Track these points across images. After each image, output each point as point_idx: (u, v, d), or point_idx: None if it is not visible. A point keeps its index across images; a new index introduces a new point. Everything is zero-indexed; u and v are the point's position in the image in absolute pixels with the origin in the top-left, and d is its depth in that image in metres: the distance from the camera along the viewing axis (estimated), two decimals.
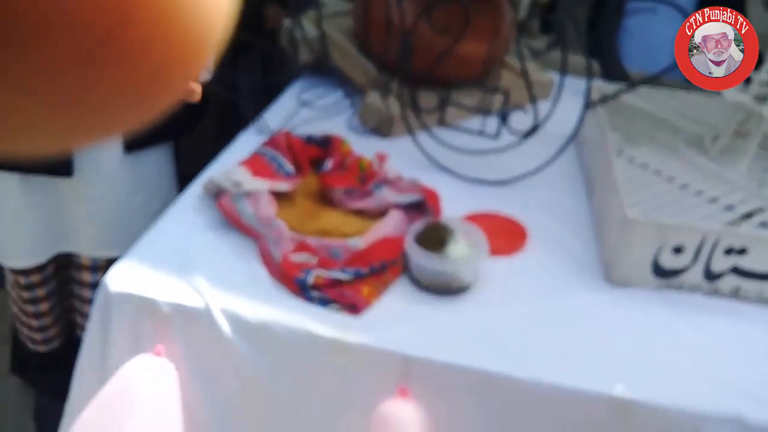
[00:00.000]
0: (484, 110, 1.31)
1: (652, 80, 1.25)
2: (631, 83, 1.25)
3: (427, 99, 1.30)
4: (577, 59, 1.27)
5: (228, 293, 0.93)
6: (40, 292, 1.51)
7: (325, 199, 1.14)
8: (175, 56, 0.18)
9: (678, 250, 0.99)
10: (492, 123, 1.30)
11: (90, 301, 1.52)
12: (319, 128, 1.30)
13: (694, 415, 0.83)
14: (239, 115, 1.49)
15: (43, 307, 1.54)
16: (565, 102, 1.23)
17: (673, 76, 1.40)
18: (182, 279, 0.95)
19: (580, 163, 1.34)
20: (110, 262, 1.48)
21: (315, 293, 0.95)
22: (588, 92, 1.21)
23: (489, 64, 1.46)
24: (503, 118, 1.26)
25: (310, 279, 0.96)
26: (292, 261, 0.99)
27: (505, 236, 1.09)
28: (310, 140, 1.17)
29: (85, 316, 1.52)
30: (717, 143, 1.20)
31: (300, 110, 1.39)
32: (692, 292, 1.01)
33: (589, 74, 1.20)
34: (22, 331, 1.61)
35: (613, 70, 1.62)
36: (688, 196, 1.07)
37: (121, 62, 0.16)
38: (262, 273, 0.99)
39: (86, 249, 1.46)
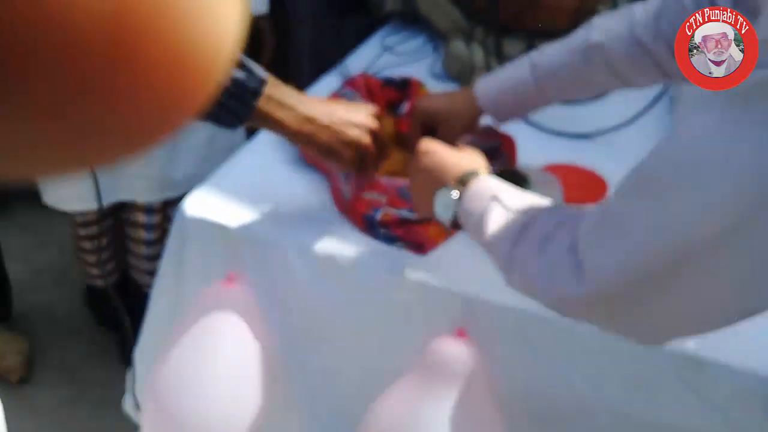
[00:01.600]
0: None
1: None
2: None
3: (512, 47, 1.26)
4: None
5: (298, 225, 0.95)
6: (95, 229, 1.56)
7: (398, 141, 1.13)
8: (181, 87, 0.17)
9: None
10: None
11: (144, 242, 1.54)
12: (401, 73, 1.29)
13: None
14: (324, 57, 1.48)
15: (98, 243, 1.57)
16: None
17: None
18: (255, 209, 0.97)
19: (673, 118, 1.27)
20: (166, 204, 1.50)
21: (382, 230, 0.96)
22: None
23: (580, 14, 1.40)
24: None
25: (379, 215, 0.96)
26: (362, 198, 0.99)
27: (584, 188, 1.06)
28: (388, 82, 1.17)
29: (139, 257, 1.60)
30: None
31: (382, 54, 1.39)
32: None
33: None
34: (81, 266, 1.68)
35: None
36: None
37: (127, 92, 0.16)
38: (332, 208, 1.00)
39: (141, 195, 1.48)
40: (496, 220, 0.71)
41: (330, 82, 1.31)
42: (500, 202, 0.72)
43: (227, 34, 0.17)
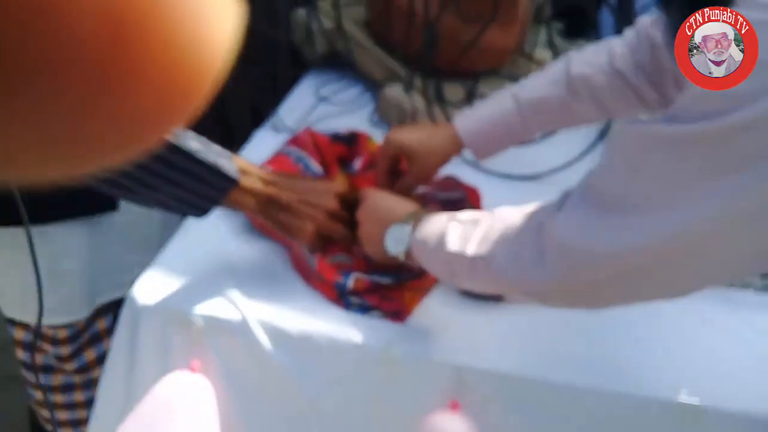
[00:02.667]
0: None
1: None
2: None
3: (453, 91, 1.25)
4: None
5: (263, 303, 0.88)
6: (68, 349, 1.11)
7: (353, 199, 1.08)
8: (176, 90, 0.17)
9: None
10: None
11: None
12: (338, 124, 1.24)
13: (764, 420, 0.79)
14: (251, 112, 1.42)
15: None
16: None
17: None
18: (214, 289, 0.89)
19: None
20: None
21: (355, 299, 0.90)
22: None
23: (510, 52, 1.41)
24: None
25: (350, 282, 0.91)
26: (328, 263, 0.93)
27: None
28: (336, 138, 1.12)
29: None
30: None
31: (318, 105, 1.34)
32: (744, 288, 0.97)
33: None
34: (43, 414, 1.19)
35: None
36: None
37: (117, 102, 0.16)
38: (296, 280, 0.94)
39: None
40: (457, 233, 0.71)
41: (264, 137, 1.24)
42: (459, 221, 0.73)
43: (224, 33, 0.18)
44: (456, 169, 1.17)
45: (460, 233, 0.71)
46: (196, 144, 0.74)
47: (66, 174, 0.18)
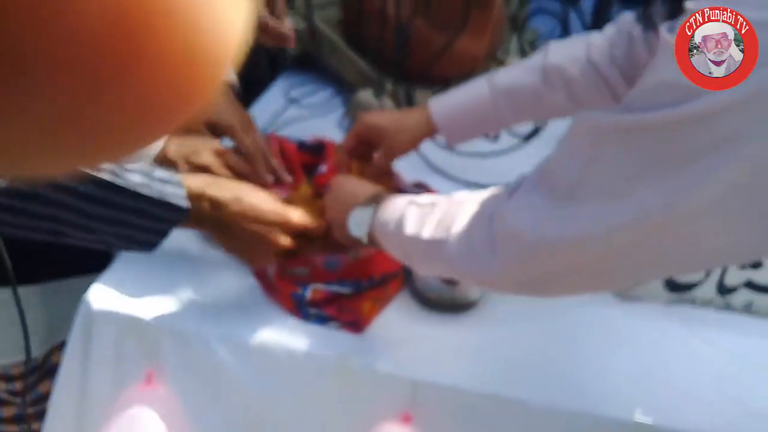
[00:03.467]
0: None
1: None
2: None
3: (423, 97, 1.24)
4: None
5: (221, 312, 0.87)
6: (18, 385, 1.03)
7: (320, 208, 1.07)
8: (182, 84, 0.17)
9: None
10: None
11: None
12: (308, 127, 1.23)
13: None
14: None
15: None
16: None
17: None
18: (171, 296, 0.88)
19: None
20: None
21: (313, 310, 0.90)
22: None
23: (482, 60, 1.40)
24: None
25: (308, 294, 0.90)
26: (286, 274, 0.93)
27: None
28: (302, 146, 1.10)
29: None
30: None
31: (288, 107, 1.32)
32: (705, 306, 0.97)
33: None
34: None
35: None
36: None
37: (128, 95, 0.16)
38: (255, 288, 0.93)
39: None
40: (414, 217, 0.71)
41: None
42: (417, 204, 0.72)
43: (233, 27, 0.17)
44: (420, 175, 1.16)
45: (416, 216, 0.71)
46: (138, 177, 0.70)
47: (66, 169, 0.18)
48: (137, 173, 0.70)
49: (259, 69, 1.43)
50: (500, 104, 0.89)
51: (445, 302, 0.92)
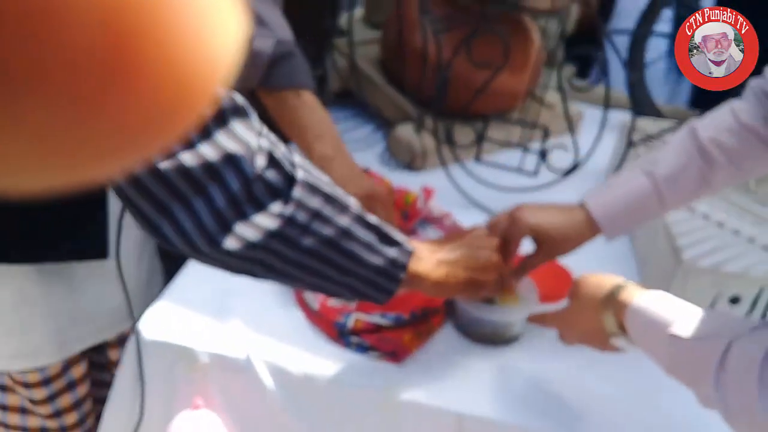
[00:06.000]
0: (521, 145, 1.27)
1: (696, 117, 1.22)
2: (678, 121, 1.22)
3: (462, 133, 1.26)
4: (602, 91, 1.24)
5: (267, 341, 0.89)
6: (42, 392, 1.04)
7: None
8: (180, 96, 0.17)
9: (735, 300, 0.95)
10: (529, 159, 1.27)
11: None
12: None
13: None
14: None
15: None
16: (591, 134, 1.21)
17: None
18: (218, 326, 0.90)
19: None
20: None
21: (354, 339, 0.91)
22: (630, 130, 1.18)
23: (521, 96, 1.43)
24: (542, 154, 1.22)
25: (350, 323, 0.92)
26: (330, 305, 0.95)
27: (552, 281, 1.05)
28: None
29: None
30: (762, 184, 1.17)
31: None
32: None
33: (633, 110, 1.17)
34: None
35: (643, 104, 1.59)
36: (740, 242, 1.03)
37: (122, 107, 0.16)
38: (300, 318, 0.95)
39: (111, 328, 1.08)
40: (682, 360, 0.66)
41: None
42: (677, 337, 0.66)
43: (225, 44, 0.17)
44: (457, 209, 1.18)
45: (693, 357, 0.65)
46: (374, 218, 0.72)
47: (63, 181, 0.18)
48: (371, 215, 0.72)
49: None
50: (665, 194, 0.86)
51: (489, 335, 0.93)
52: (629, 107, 1.51)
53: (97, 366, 1.12)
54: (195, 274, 0.99)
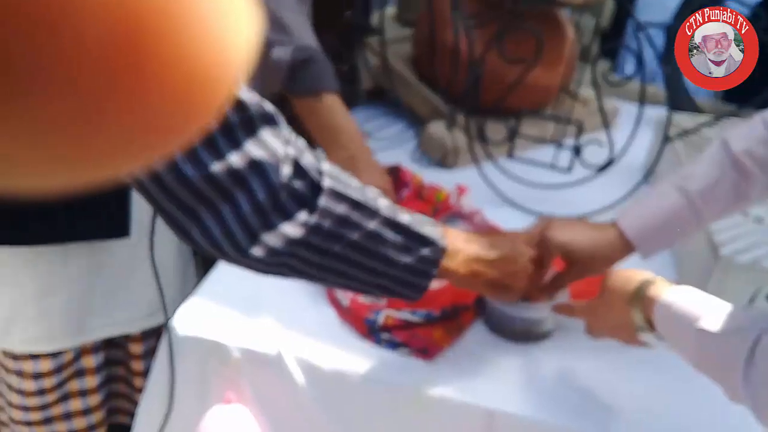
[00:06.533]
0: (555, 141, 1.26)
1: (734, 113, 1.19)
2: (715, 116, 1.19)
3: (494, 129, 1.25)
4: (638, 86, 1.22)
5: (298, 337, 0.89)
6: (51, 381, 1.07)
7: None
8: (191, 96, 0.17)
9: None
10: (563, 155, 1.25)
11: (143, 374, 1.12)
12: (382, 159, 1.26)
13: None
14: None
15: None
16: (627, 130, 1.19)
17: (755, 109, 1.34)
18: (250, 322, 0.91)
19: None
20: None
21: (385, 335, 0.91)
22: (667, 125, 1.16)
23: (555, 92, 1.41)
24: (576, 150, 1.21)
25: (380, 319, 0.92)
26: (361, 301, 0.95)
27: (584, 278, 1.03)
28: None
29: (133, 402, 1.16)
30: None
31: None
32: None
33: (669, 105, 1.15)
34: None
35: (679, 99, 1.56)
36: None
37: (131, 105, 0.16)
38: (330, 314, 0.95)
39: (134, 321, 1.10)
40: (710, 354, 0.65)
41: None
42: (706, 331, 0.65)
43: (240, 45, 0.17)
44: (489, 206, 1.17)
45: (721, 353, 0.64)
46: (407, 217, 0.72)
47: (73, 182, 0.18)
48: (405, 213, 0.72)
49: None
50: (700, 209, 0.84)
51: (520, 332, 0.92)
52: (665, 102, 1.48)
53: (113, 361, 1.15)
54: (228, 270, 1.00)
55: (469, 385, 0.85)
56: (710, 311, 0.66)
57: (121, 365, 1.16)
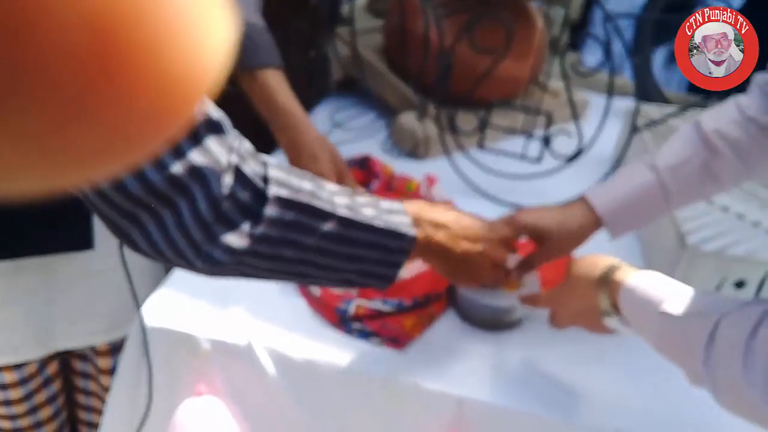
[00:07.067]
0: (525, 132, 1.27)
1: (700, 104, 1.21)
2: (682, 106, 1.21)
3: (465, 120, 1.26)
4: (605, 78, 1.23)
5: (269, 328, 0.89)
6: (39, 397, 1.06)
7: None
8: (168, 100, 0.17)
9: (740, 284, 0.95)
10: (533, 145, 1.26)
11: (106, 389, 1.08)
12: (352, 150, 1.26)
13: None
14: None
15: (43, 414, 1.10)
16: (596, 121, 1.20)
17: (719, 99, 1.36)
18: (220, 312, 0.90)
19: None
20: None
21: (356, 325, 0.91)
22: (635, 115, 1.17)
23: (525, 83, 1.42)
24: (546, 140, 1.22)
25: (351, 309, 0.92)
26: (332, 291, 0.94)
27: (554, 266, 1.04)
28: (350, 164, 1.13)
29: (90, 410, 1.16)
30: None
31: (332, 131, 1.35)
32: None
33: (637, 96, 1.16)
34: None
35: (648, 90, 1.57)
36: (745, 226, 1.02)
37: (105, 111, 0.16)
38: (301, 304, 0.94)
39: (99, 334, 1.07)
40: (672, 337, 0.66)
41: (282, 159, 1.26)
42: (668, 314, 0.66)
43: (216, 47, 0.17)
44: (461, 196, 1.17)
45: (682, 335, 0.65)
46: (369, 210, 0.70)
47: (45, 186, 0.17)
48: (368, 206, 0.70)
49: (304, 92, 1.46)
50: (667, 183, 0.84)
51: (489, 321, 0.93)
52: (633, 93, 1.50)
53: (79, 373, 1.12)
54: None
55: (439, 373, 0.85)
56: (674, 295, 0.67)
57: (91, 379, 1.13)
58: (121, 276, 1.00)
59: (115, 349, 1.08)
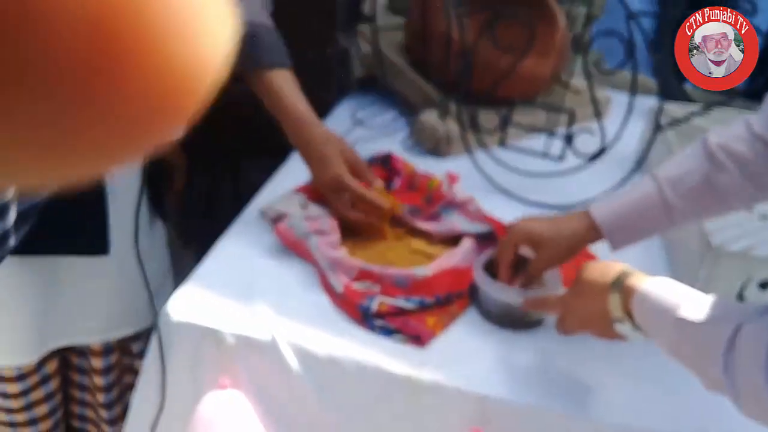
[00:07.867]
0: (547, 130, 1.26)
1: (724, 102, 1.20)
2: (706, 105, 1.20)
3: (487, 118, 1.25)
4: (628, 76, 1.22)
5: (293, 323, 0.89)
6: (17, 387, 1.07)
7: (391, 223, 1.09)
8: (167, 97, 0.17)
9: (765, 285, 0.94)
10: (555, 144, 1.26)
11: (101, 389, 1.13)
12: (373, 147, 1.26)
13: None
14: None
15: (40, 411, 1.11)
16: (619, 120, 1.19)
17: (744, 98, 1.35)
18: (245, 308, 0.91)
19: None
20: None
21: (378, 322, 0.91)
22: (658, 114, 1.17)
23: (547, 81, 1.41)
24: (568, 139, 1.21)
25: (374, 306, 0.92)
26: (354, 288, 0.95)
27: (576, 265, 1.04)
28: (373, 161, 1.13)
29: (86, 404, 1.18)
30: None
31: (353, 129, 1.35)
32: None
33: (660, 95, 1.15)
34: None
35: (670, 88, 1.56)
36: None
37: (106, 107, 0.16)
38: (324, 300, 0.95)
39: (94, 334, 1.09)
40: (689, 343, 0.65)
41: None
42: (685, 320, 0.66)
43: (217, 43, 0.17)
44: (482, 194, 1.17)
45: (700, 342, 0.65)
46: None
47: (44, 180, 0.17)
48: None
49: (325, 90, 1.46)
50: (668, 195, 0.83)
51: (511, 319, 0.93)
52: (656, 92, 1.49)
53: (76, 368, 1.14)
54: (222, 256, 1.00)
55: (461, 371, 0.85)
56: (690, 301, 0.66)
57: (86, 374, 1.14)
58: (120, 278, 1.05)
59: (109, 350, 1.10)
